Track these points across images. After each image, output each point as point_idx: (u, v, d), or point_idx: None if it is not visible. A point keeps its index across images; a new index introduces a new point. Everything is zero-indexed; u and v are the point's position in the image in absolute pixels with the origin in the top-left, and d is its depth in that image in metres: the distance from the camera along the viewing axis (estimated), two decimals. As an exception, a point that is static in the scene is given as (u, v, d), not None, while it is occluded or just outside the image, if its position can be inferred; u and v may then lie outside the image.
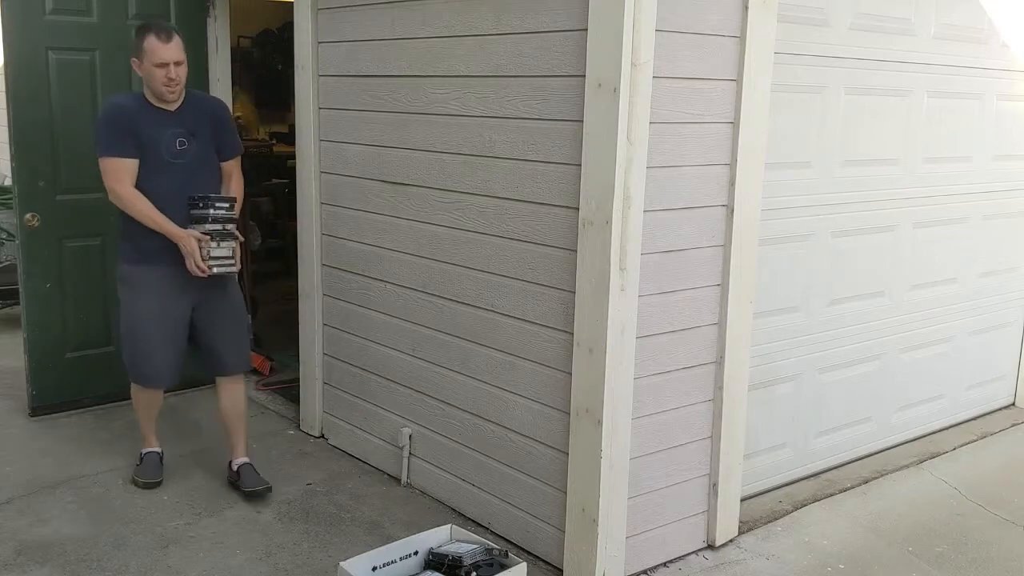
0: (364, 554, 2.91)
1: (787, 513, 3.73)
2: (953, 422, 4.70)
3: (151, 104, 3.54)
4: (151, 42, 3.41)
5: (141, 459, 3.96)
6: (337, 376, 4.29)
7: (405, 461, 3.90)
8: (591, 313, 2.99)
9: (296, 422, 4.57)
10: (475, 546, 2.95)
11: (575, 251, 3.03)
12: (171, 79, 3.44)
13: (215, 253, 3.49)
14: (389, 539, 3.30)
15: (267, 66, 8.51)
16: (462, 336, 3.56)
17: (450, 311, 3.60)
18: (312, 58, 4.13)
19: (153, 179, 3.51)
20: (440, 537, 3.05)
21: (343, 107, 4.03)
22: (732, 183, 3.21)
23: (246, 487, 3.73)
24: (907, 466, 4.21)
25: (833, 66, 3.67)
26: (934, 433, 4.58)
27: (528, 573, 2.96)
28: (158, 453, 3.99)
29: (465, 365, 3.56)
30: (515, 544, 3.40)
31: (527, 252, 3.24)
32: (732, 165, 3.20)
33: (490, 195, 3.36)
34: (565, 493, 3.17)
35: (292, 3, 4.21)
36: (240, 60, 7.48)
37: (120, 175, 3.47)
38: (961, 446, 4.47)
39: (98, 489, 3.84)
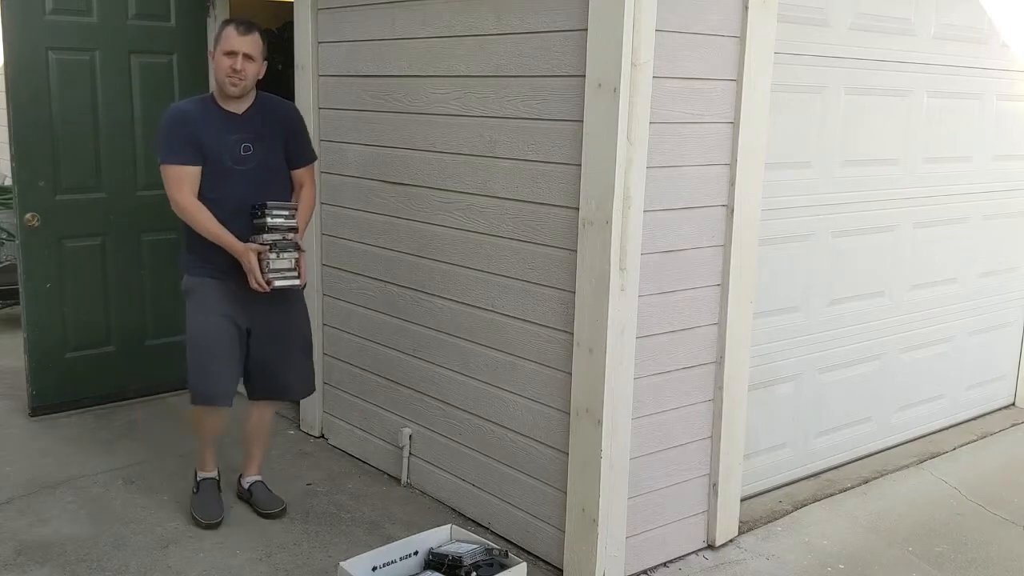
0: (364, 554, 2.91)
1: (787, 513, 3.73)
2: (953, 422, 4.70)
3: (217, 106, 3.34)
4: (228, 31, 3.26)
5: (197, 487, 3.65)
6: (337, 376, 4.29)
7: (405, 461, 3.90)
8: (591, 313, 2.99)
9: (296, 422, 4.57)
10: (475, 546, 2.95)
11: (575, 251, 3.03)
12: (235, 70, 3.25)
13: (275, 265, 3.25)
14: (389, 539, 3.30)
15: (267, 66, 8.52)
16: (462, 336, 3.56)
17: (450, 311, 3.60)
18: (312, 58, 4.13)
19: (216, 187, 3.30)
20: (440, 537, 3.05)
21: (343, 107, 4.03)
22: (732, 183, 3.21)
23: (262, 509, 3.62)
24: (907, 466, 4.21)
25: (833, 66, 3.67)
26: (934, 433, 4.58)
27: (528, 573, 2.96)
28: (216, 480, 3.68)
29: (465, 365, 3.56)
30: (515, 544, 3.40)
31: (527, 252, 3.24)
32: (732, 165, 3.20)
33: (490, 195, 3.36)
34: (565, 493, 3.17)
35: (292, 3, 4.21)
36: (240, 60, 7.47)
37: (181, 183, 3.27)
38: (961, 446, 4.47)
39: (98, 489, 3.84)
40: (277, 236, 3.28)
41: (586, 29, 2.90)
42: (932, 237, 4.32)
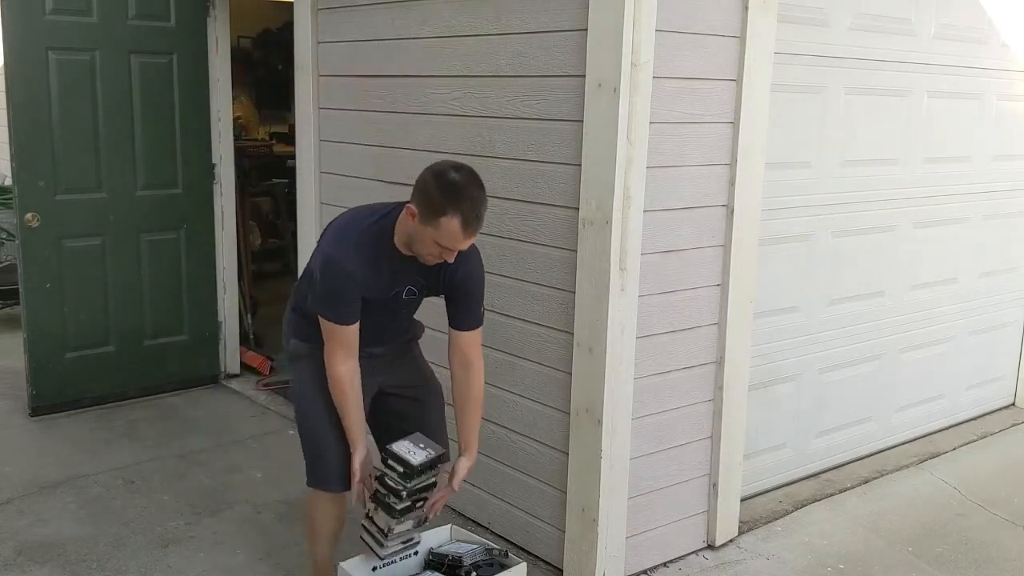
0: (364, 554, 2.90)
1: (787, 513, 3.73)
2: (953, 422, 4.70)
3: (395, 250, 2.65)
4: (452, 227, 2.46)
5: None
6: (337, 376, 4.28)
7: (405, 461, 3.89)
8: (591, 313, 2.99)
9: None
10: (475, 546, 2.94)
11: (575, 251, 3.03)
12: (444, 259, 2.59)
13: (394, 528, 2.63)
14: (389, 539, 3.30)
15: (267, 66, 8.53)
16: (462, 336, 3.55)
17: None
18: (312, 58, 4.12)
19: (365, 316, 2.70)
20: (440, 537, 3.04)
21: (343, 107, 4.03)
22: (732, 183, 3.21)
23: None
24: (907, 466, 4.21)
25: (833, 66, 3.67)
26: (934, 433, 4.58)
27: (528, 573, 2.95)
28: None
29: (465, 365, 3.56)
30: (515, 544, 3.40)
31: (527, 252, 3.24)
32: (732, 165, 3.20)
33: (490, 195, 3.32)
34: (565, 493, 3.17)
35: (292, 3, 4.21)
36: (240, 60, 7.50)
37: (337, 344, 2.67)
38: (961, 446, 4.47)
39: (98, 489, 3.84)
40: (407, 503, 2.62)
41: (586, 29, 2.90)
42: (932, 237, 4.32)
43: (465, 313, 2.78)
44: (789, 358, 3.84)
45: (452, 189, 2.49)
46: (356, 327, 2.67)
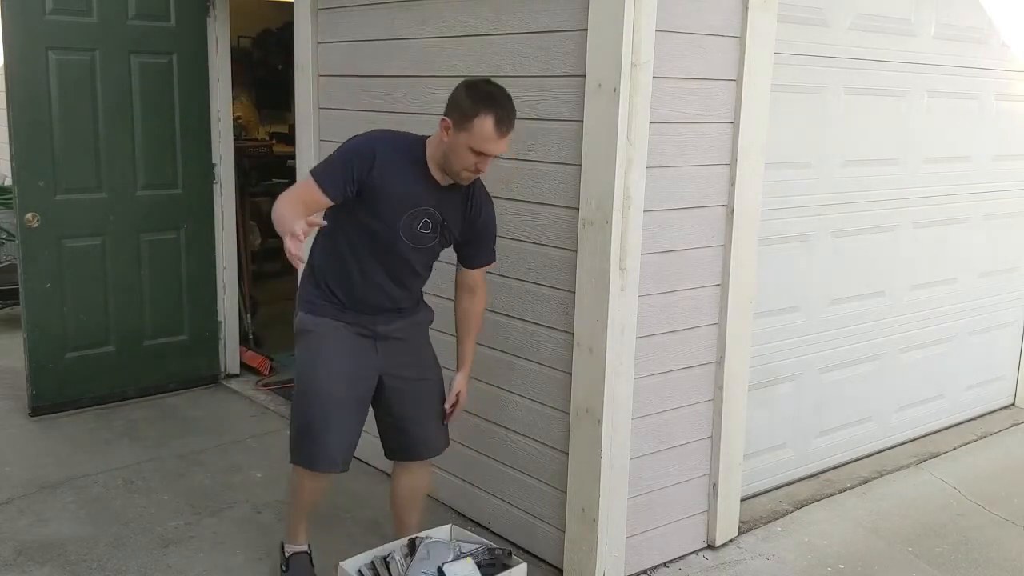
0: (363, 554, 2.91)
1: (787, 513, 3.73)
2: (953, 422, 4.70)
3: (424, 168, 2.74)
4: (486, 127, 2.57)
5: (286, 564, 3.15)
6: (337, 376, 4.28)
7: (405, 461, 3.89)
8: (591, 313, 2.99)
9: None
10: (476, 546, 2.95)
11: (575, 251, 3.03)
12: (479, 171, 2.69)
13: None
14: (389, 539, 3.30)
15: (267, 66, 8.53)
16: (462, 336, 3.56)
17: (449, 311, 3.59)
18: (312, 58, 4.12)
19: (370, 251, 2.78)
20: (440, 537, 3.04)
21: (343, 107, 4.03)
22: (732, 183, 3.21)
23: None
24: (907, 466, 4.21)
25: (832, 66, 3.68)
26: (934, 433, 4.58)
27: (528, 573, 2.95)
28: (308, 554, 3.17)
29: (465, 365, 3.56)
30: (515, 544, 3.40)
31: (527, 252, 3.24)
32: (732, 165, 3.20)
33: (491, 195, 3.35)
34: (565, 493, 3.17)
35: (292, 3, 4.21)
36: (240, 60, 7.50)
37: (296, 197, 2.71)
38: (961, 446, 4.47)
39: (98, 489, 3.84)
40: None
41: (586, 29, 2.90)
42: (932, 237, 4.32)
43: (485, 252, 2.96)
44: (789, 358, 3.84)
45: (484, 94, 2.64)
46: (324, 202, 2.69)
